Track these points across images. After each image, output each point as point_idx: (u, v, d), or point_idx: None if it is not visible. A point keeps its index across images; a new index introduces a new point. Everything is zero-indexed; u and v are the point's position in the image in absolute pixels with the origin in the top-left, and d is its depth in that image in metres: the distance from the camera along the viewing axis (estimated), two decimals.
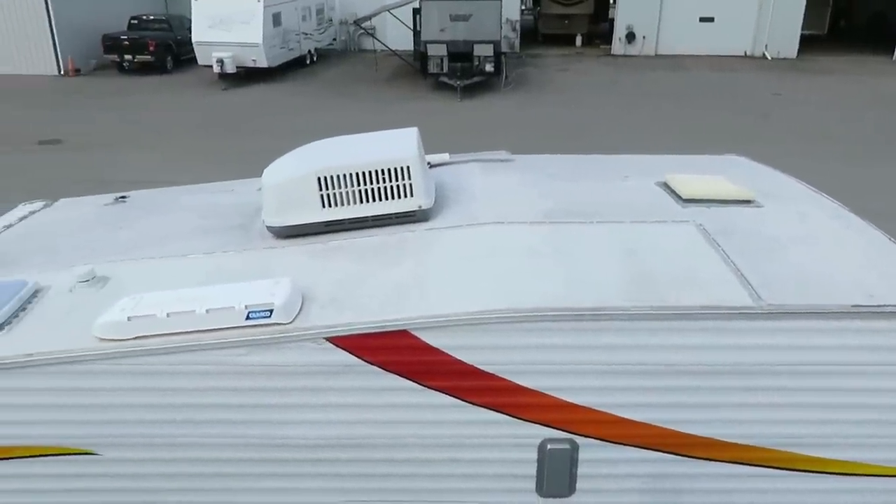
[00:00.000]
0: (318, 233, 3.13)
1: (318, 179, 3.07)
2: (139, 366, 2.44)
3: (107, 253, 3.14)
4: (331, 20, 27.55)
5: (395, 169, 3.09)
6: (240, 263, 2.96)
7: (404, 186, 3.11)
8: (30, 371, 2.43)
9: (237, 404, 2.50)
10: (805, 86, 21.29)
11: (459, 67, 19.85)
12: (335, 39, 28.16)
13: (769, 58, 26.36)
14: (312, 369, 2.46)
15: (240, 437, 2.54)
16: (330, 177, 3.07)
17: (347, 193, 3.10)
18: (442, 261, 2.84)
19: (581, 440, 2.55)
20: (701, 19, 26.92)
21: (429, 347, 2.45)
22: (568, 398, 2.51)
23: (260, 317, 2.46)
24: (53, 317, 2.64)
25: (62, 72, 23.55)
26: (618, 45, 27.40)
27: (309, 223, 3.11)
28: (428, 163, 3.73)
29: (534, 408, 2.51)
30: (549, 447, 2.55)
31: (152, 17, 25.01)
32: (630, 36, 27.11)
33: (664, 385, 2.49)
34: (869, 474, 2.62)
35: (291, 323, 2.47)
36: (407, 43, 24.20)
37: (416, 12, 21.52)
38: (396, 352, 2.46)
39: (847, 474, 2.62)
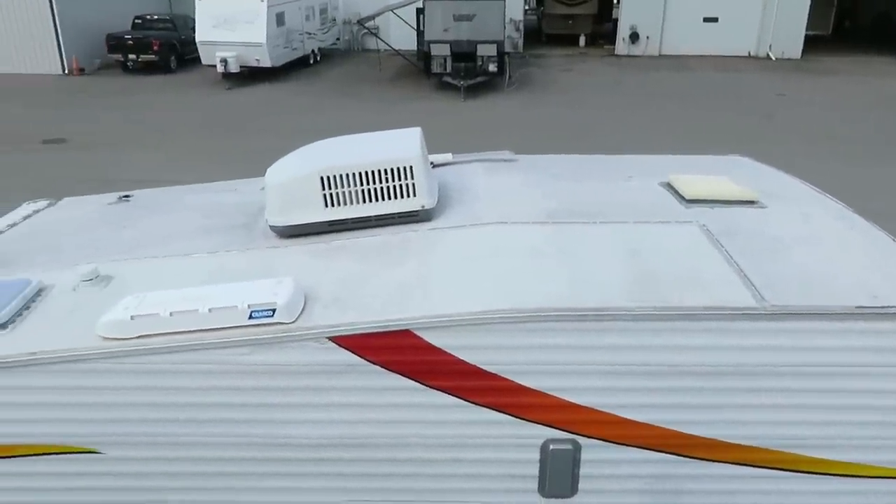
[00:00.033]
0: (321, 232, 3.13)
1: (322, 179, 3.07)
2: (142, 365, 2.44)
3: (110, 252, 3.15)
4: (334, 20, 27.58)
5: (399, 169, 3.09)
6: (243, 263, 2.97)
7: (407, 186, 3.11)
8: (33, 369, 2.43)
9: (240, 403, 2.50)
10: (809, 86, 21.25)
11: (463, 67, 19.84)
12: (339, 39, 28.19)
13: (773, 58, 26.31)
14: (315, 369, 2.46)
15: (242, 437, 2.54)
16: (333, 176, 3.07)
17: (350, 193, 3.10)
18: (445, 261, 2.84)
19: (583, 441, 2.55)
20: (705, 19, 26.88)
21: (431, 347, 2.45)
22: (571, 398, 2.50)
23: (263, 316, 2.46)
24: (57, 315, 2.64)
25: (66, 71, 23.61)
26: (621, 46, 27.38)
27: (312, 223, 3.11)
28: (431, 163, 3.73)
29: (536, 408, 2.51)
30: (552, 447, 2.55)
31: (156, 17, 25.08)
32: (634, 36, 27.09)
33: (667, 386, 2.49)
34: (872, 476, 2.62)
35: (294, 322, 2.47)
36: (410, 43, 24.20)
37: (420, 12, 21.51)
38: (399, 351, 2.46)
39: (850, 476, 2.61)
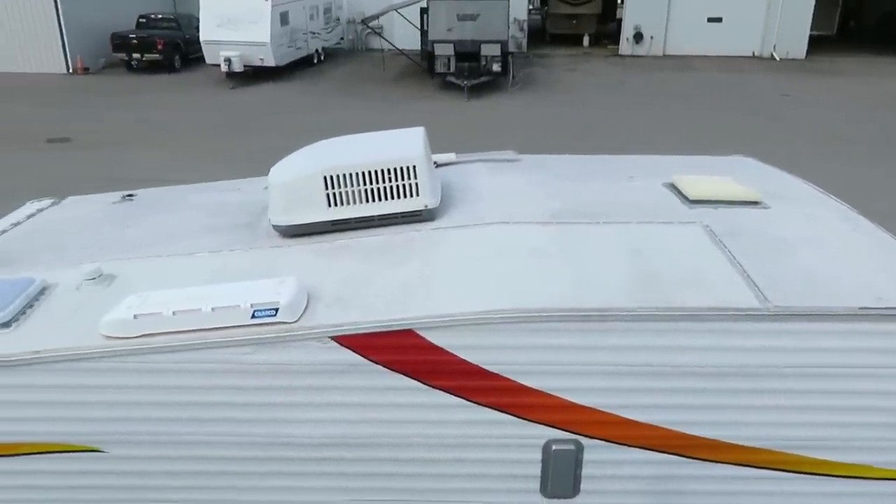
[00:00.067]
0: (324, 232, 3.13)
1: (325, 178, 3.07)
2: (145, 363, 2.44)
3: (114, 251, 3.15)
4: (338, 19, 27.60)
5: (402, 168, 3.09)
6: (246, 262, 2.97)
7: (410, 186, 3.11)
8: (36, 368, 2.44)
9: (242, 403, 2.50)
10: (814, 86, 21.20)
11: (467, 67, 19.85)
12: (342, 39, 28.20)
13: (777, 58, 26.26)
14: (317, 368, 2.46)
15: (245, 436, 2.54)
16: (336, 176, 3.07)
17: (353, 193, 3.10)
18: (448, 260, 2.84)
19: (586, 441, 2.55)
20: (709, 19, 26.84)
21: (434, 347, 2.44)
22: (573, 399, 2.50)
23: (265, 315, 2.46)
24: (60, 314, 2.64)
25: (71, 70, 23.66)
26: (625, 46, 27.35)
27: (315, 222, 3.11)
28: (434, 162, 3.73)
29: (539, 408, 2.51)
30: (554, 448, 2.55)
31: (161, 16, 25.13)
32: (638, 36, 27.06)
33: (670, 386, 2.48)
34: (876, 478, 2.61)
35: (297, 322, 2.47)
36: (414, 42, 24.20)
37: (424, 12, 21.52)
38: (402, 351, 2.45)
39: (854, 477, 2.60)
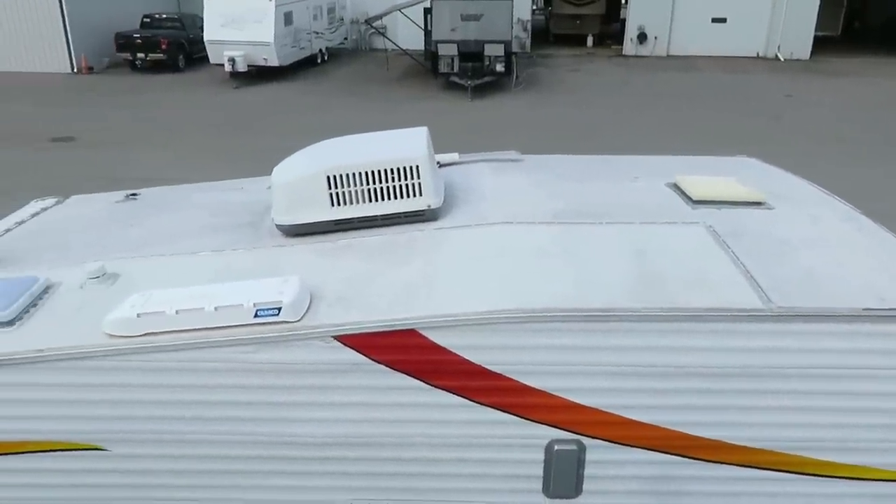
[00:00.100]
0: (327, 231, 3.13)
1: (328, 178, 3.08)
2: (148, 362, 2.45)
3: (117, 250, 3.16)
4: (342, 19, 27.62)
5: (405, 168, 3.09)
6: (249, 261, 2.97)
7: (413, 186, 3.11)
8: (40, 366, 2.44)
9: (245, 402, 2.50)
10: (818, 87, 21.16)
11: (470, 67, 19.85)
12: (346, 39, 28.23)
13: (782, 59, 26.21)
14: (320, 367, 2.47)
15: (248, 435, 2.55)
16: (339, 175, 3.08)
17: (357, 192, 3.10)
18: (451, 260, 2.84)
19: (588, 441, 2.55)
20: (713, 20, 26.81)
21: (437, 347, 2.45)
22: (576, 399, 2.50)
23: (268, 315, 2.46)
24: (64, 313, 2.65)
25: (75, 69, 23.71)
26: (629, 46, 27.33)
27: (318, 222, 3.12)
28: (437, 162, 3.73)
29: (541, 408, 2.51)
30: (557, 448, 2.55)
31: (165, 16, 25.19)
32: (642, 36, 27.03)
33: (672, 387, 2.48)
34: (879, 479, 2.60)
35: (299, 321, 2.48)
36: (418, 42, 24.23)
37: (427, 12, 21.54)
38: (404, 351, 2.46)
39: (857, 478, 2.60)
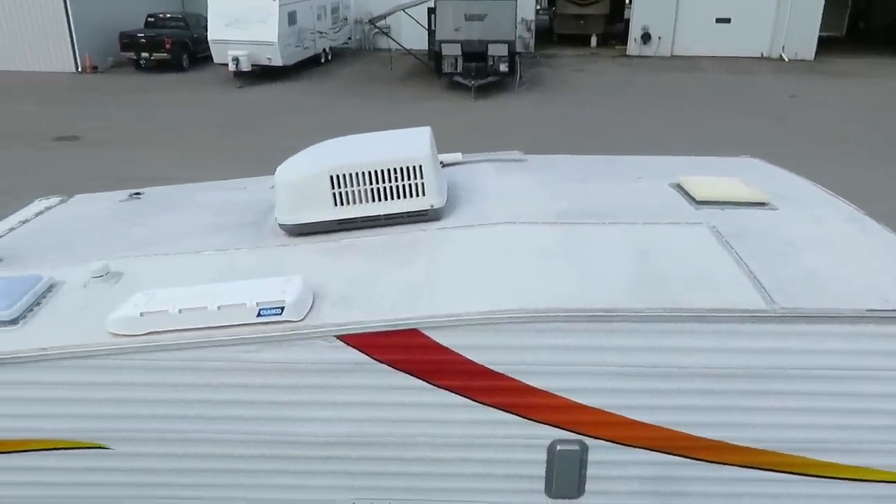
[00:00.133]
0: (330, 231, 3.14)
1: (331, 178, 3.08)
2: (151, 361, 2.45)
3: (121, 249, 3.17)
4: (346, 19, 27.63)
5: (408, 168, 3.09)
6: (252, 261, 2.98)
7: (416, 185, 3.11)
8: (43, 365, 2.45)
9: (248, 401, 2.51)
10: (822, 88, 21.11)
11: (474, 67, 19.84)
12: (350, 38, 28.24)
13: (786, 59, 26.15)
14: (323, 367, 2.47)
15: (251, 434, 2.55)
16: (342, 175, 3.08)
17: (360, 192, 3.10)
18: (453, 260, 2.84)
19: (591, 441, 2.55)
20: (717, 20, 26.74)
21: (439, 347, 2.45)
22: (578, 399, 2.50)
23: (271, 314, 2.47)
24: (67, 312, 2.66)
25: (80, 69, 23.76)
26: (633, 46, 27.29)
27: (321, 221, 3.12)
28: (441, 162, 3.73)
29: (544, 408, 2.51)
30: (559, 448, 2.55)
31: (169, 16, 25.22)
32: (646, 36, 26.99)
33: (675, 387, 2.48)
34: (882, 480, 2.60)
35: (302, 320, 2.48)
36: (422, 42, 24.22)
37: (431, 12, 21.52)
38: (407, 350, 2.46)
39: (859, 480, 2.59)
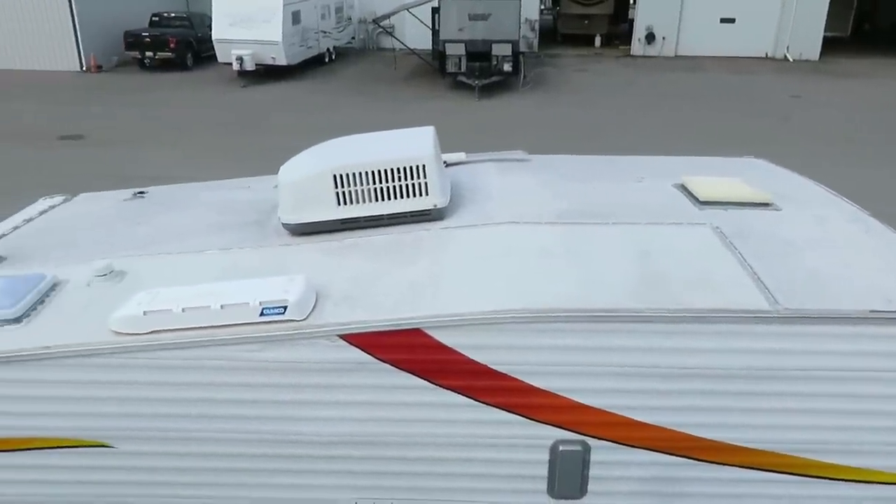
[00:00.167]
0: (334, 230, 3.14)
1: (334, 177, 3.08)
2: (154, 360, 2.46)
3: (125, 248, 3.17)
4: (350, 18, 27.64)
5: (411, 167, 3.09)
6: (255, 260, 2.98)
7: (420, 185, 3.11)
8: (47, 363, 2.46)
9: (251, 400, 2.51)
10: (827, 88, 21.05)
11: (478, 67, 19.83)
12: (354, 38, 28.24)
13: (790, 59, 26.09)
14: (326, 366, 2.47)
15: (253, 433, 2.55)
16: (346, 174, 3.08)
17: (363, 191, 3.11)
18: (456, 260, 2.84)
19: (593, 442, 2.55)
20: (722, 20, 26.69)
21: (442, 346, 2.45)
22: (581, 399, 2.50)
23: (274, 313, 2.47)
24: (71, 310, 2.66)
25: (84, 68, 23.79)
26: (637, 46, 27.25)
27: (324, 220, 3.13)
28: (444, 162, 3.73)
29: (546, 409, 2.51)
30: (561, 448, 2.55)
31: (173, 15, 25.24)
32: (650, 37, 26.95)
33: (678, 388, 2.48)
34: (883, 482, 2.59)
35: (305, 320, 2.48)
36: (426, 42, 24.20)
37: (435, 11, 21.52)
38: (410, 350, 2.46)
39: (861, 481, 2.59)
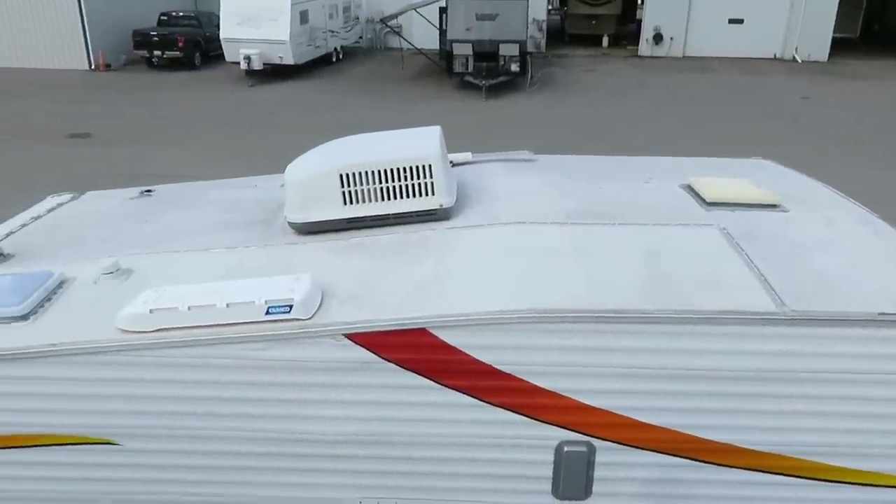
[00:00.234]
0: (340, 229, 3.14)
1: (341, 176, 3.09)
2: (160, 358, 2.46)
3: (131, 246, 3.18)
4: (357, 18, 27.66)
5: (417, 167, 3.09)
6: (261, 259, 2.99)
7: (426, 185, 3.11)
8: (53, 360, 2.46)
9: (256, 398, 2.51)
10: (836, 90, 20.96)
11: (485, 67, 19.81)
12: (361, 37, 28.27)
13: (799, 60, 25.98)
14: (331, 365, 2.47)
15: (258, 431, 2.56)
16: (352, 174, 3.08)
17: (369, 191, 3.11)
18: (462, 260, 2.84)
19: (598, 443, 2.54)
20: (730, 21, 26.58)
21: (447, 346, 2.44)
22: (586, 400, 2.49)
23: (279, 312, 2.47)
24: (78, 308, 2.67)
25: (93, 67, 23.89)
26: (645, 47, 27.18)
27: (330, 220, 3.13)
28: (451, 162, 3.73)
29: (551, 409, 2.50)
30: (566, 449, 2.54)
31: (182, 14, 25.33)
32: (657, 37, 26.88)
33: (684, 389, 2.47)
34: (892, 486, 2.58)
35: (310, 319, 2.48)
36: (433, 42, 24.20)
37: (443, 11, 21.51)
38: (415, 350, 2.46)
39: (869, 485, 2.57)
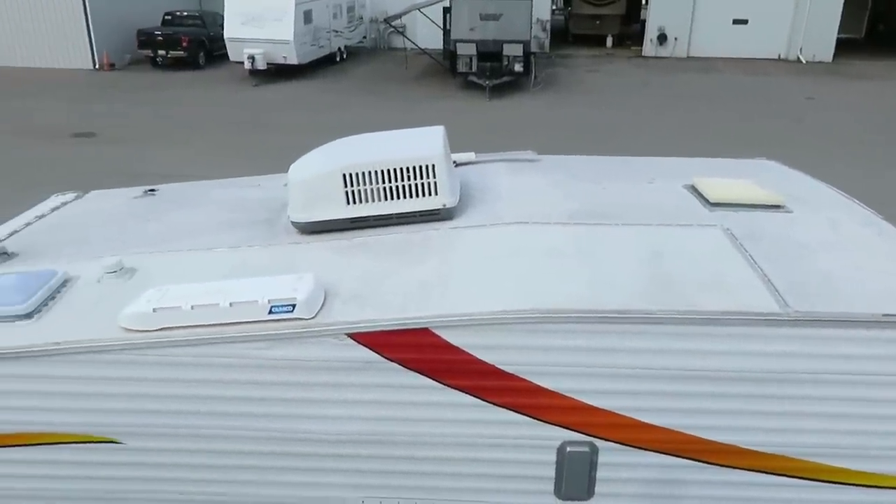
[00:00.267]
0: (343, 229, 3.14)
1: (344, 176, 3.09)
2: (163, 357, 2.47)
3: (135, 245, 3.19)
4: (361, 18, 27.68)
5: (421, 167, 3.09)
6: (264, 258, 2.99)
7: (429, 184, 3.11)
8: (57, 359, 2.47)
9: (259, 398, 2.52)
10: (841, 90, 20.92)
11: (489, 67, 19.82)
12: (365, 37, 28.28)
13: (804, 61, 25.93)
14: (334, 365, 2.47)
15: (261, 431, 2.56)
16: (355, 173, 3.09)
17: (372, 190, 3.11)
18: (465, 260, 2.84)
19: (601, 443, 2.53)
20: (734, 21, 26.54)
21: (450, 346, 2.44)
22: (589, 401, 2.49)
23: (282, 311, 2.47)
24: (81, 306, 2.68)
25: (97, 66, 23.94)
26: (649, 47, 27.16)
27: (333, 219, 3.13)
28: (454, 161, 3.73)
29: (554, 409, 2.50)
30: (569, 450, 2.54)
31: (186, 14, 25.37)
32: (662, 37, 26.85)
33: (687, 390, 2.46)
34: (894, 487, 2.57)
35: (313, 318, 2.49)
36: (437, 42, 24.20)
37: (447, 11, 21.52)
38: (418, 349, 2.46)
39: (872, 486, 2.56)
